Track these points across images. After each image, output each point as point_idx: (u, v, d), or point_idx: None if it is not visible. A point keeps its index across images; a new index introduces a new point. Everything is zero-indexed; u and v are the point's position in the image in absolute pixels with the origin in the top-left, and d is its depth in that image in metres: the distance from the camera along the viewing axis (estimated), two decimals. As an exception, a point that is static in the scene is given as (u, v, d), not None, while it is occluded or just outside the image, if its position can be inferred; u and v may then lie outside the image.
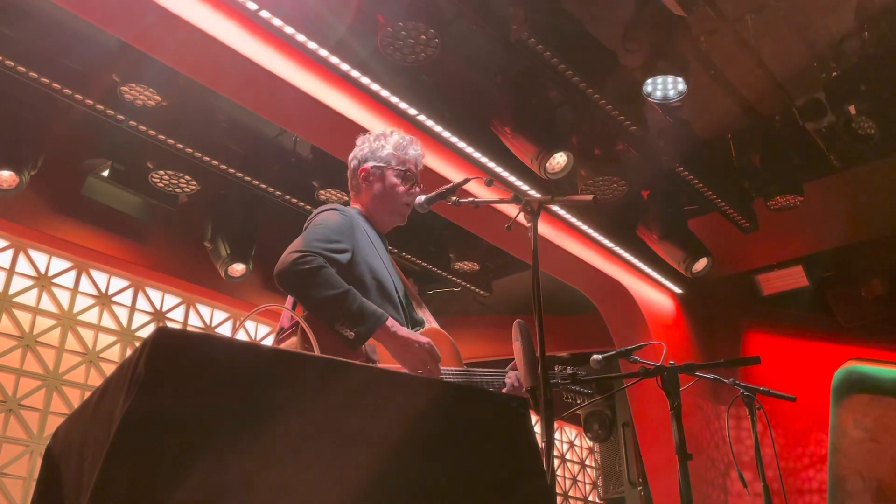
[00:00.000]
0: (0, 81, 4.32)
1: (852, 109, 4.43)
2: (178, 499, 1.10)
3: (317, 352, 1.99)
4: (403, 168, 2.53)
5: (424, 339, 2.21)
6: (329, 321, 2.09)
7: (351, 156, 2.62)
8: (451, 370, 2.35)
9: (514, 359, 2.49)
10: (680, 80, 4.05)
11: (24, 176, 4.53)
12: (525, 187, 4.93)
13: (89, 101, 4.25)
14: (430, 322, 2.51)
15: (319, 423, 1.28)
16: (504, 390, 2.41)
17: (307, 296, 2.10)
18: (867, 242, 5.92)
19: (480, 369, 2.45)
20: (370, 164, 2.53)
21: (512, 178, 4.86)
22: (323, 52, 3.88)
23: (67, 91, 4.16)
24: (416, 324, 2.46)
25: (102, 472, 1.08)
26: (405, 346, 2.16)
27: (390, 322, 2.16)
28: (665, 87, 4.11)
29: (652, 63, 4.04)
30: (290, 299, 2.35)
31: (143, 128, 4.48)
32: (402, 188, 2.52)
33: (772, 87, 4.69)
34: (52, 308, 5.25)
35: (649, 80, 4.07)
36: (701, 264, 5.58)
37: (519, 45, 3.83)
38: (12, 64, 3.94)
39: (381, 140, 2.58)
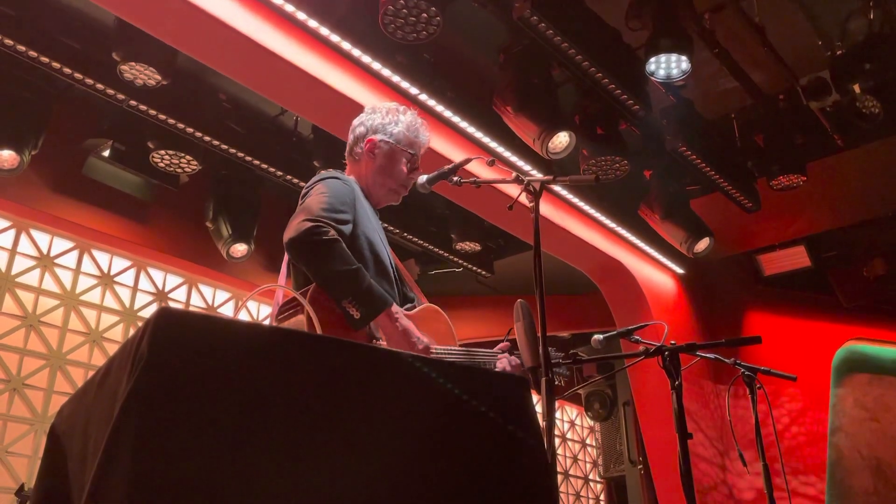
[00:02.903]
0: (0, 61, 4.31)
1: (857, 88, 4.40)
2: (182, 478, 1.11)
3: (319, 331, 1.99)
4: (412, 151, 2.49)
5: (424, 339, 2.19)
6: (337, 297, 2.06)
7: (358, 121, 2.54)
8: (447, 349, 2.35)
9: (502, 340, 2.50)
10: (683, 58, 4.02)
11: (24, 156, 4.52)
12: (527, 167, 4.91)
13: (89, 81, 4.23)
14: (422, 300, 2.50)
15: (321, 402, 1.28)
16: None
17: (320, 268, 2.06)
18: (870, 222, 5.91)
19: (477, 350, 2.45)
20: (379, 136, 2.47)
21: (514, 158, 4.85)
22: (324, 31, 3.85)
23: (67, 70, 4.14)
24: (407, 301, 2.46)
25: (107, 450, 1.09)
26: (404, 337, 2.15)
27: (395, 308, 2.15)
28: (668, 65, 4.08)
29: (655, 41, 4.00)
30: (282, 275, 2.34)
31: (143, 107, 4.46)
32: (405, 170, 2.48)
33: (776, 65, 4.65)
34: (54, 288, 5.26)
35: (653, 59, 4.04)
36: (703, 244, 5.58)
37: (521, 24, 3.79)
38: (12, 43, 3.92)
39: (393, 115, 2.51)
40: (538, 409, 1.83)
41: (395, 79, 4.17)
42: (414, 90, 4.26)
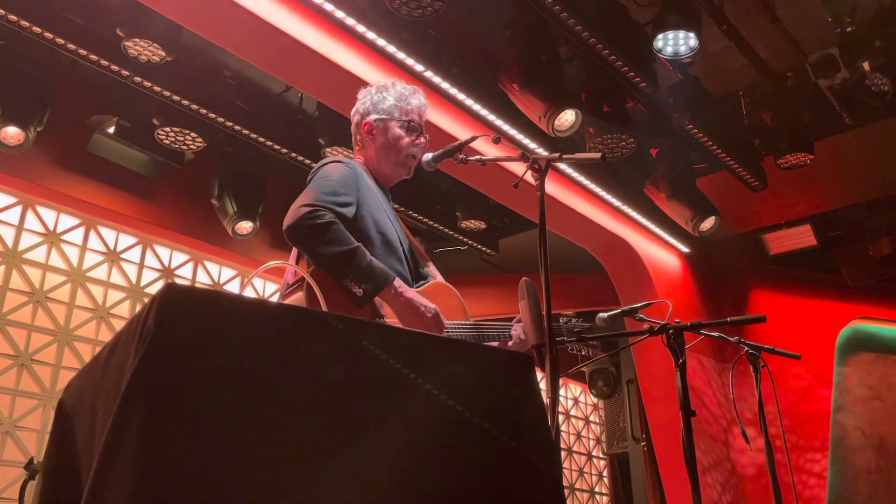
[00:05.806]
0: (4, 37, 4.29)
1: (866, 66, 4.35)
2: (189, 452, 1.12)
3: (324, 308, 2.00)
4: (407, 119, 2.50)
5: (431, 305, 2.21)
6: (337, 277, 2.09)
7: (353, 110, 2.58)
8: (458, 324, 2.37)
9: (519, 315, 2.51)
10: (692, 35, 3.98)
11: (30, 132, 4.52)
12: (533, 145, 4.89)
13: (94, 57, 4.21)
14: (436, 277, 2.52)
15: (325, 377, 1.29)
16: (510, 343, 2.43)
17: (317, 251, 2.10)
18: (877, 201, 5.87)
19: (487, 323, 2.47)
20: (373, 117, 2.50)
21: (520, 136, 4.82)
22: (328, 7, 3.82)
23: (71, 46, 4.12)
24: (421, 278, 2.47)
25: (114, 424, 1.10)
26: (411, 308, 2.17)
27: (397, 282, 2.17)
28: (676, 42, 4.04)
29: (663, 18, 3.96)
30: (293, 254, 2.36)
31: (148, 84, 4.45)
32: (406, 139, 2.49)
33: (785, 42, 4.60)
34: (61, 264, 5.29)
35: (660, 36, 4.00)
36: (709, 223, 5.56)
37: None
38: (15, 19, 3.90)
39: (382, 92, 2.53)
40: (542, 385, 1.84)
41: (401, 55, 4.14)
42: (419, 67, 4.23)
